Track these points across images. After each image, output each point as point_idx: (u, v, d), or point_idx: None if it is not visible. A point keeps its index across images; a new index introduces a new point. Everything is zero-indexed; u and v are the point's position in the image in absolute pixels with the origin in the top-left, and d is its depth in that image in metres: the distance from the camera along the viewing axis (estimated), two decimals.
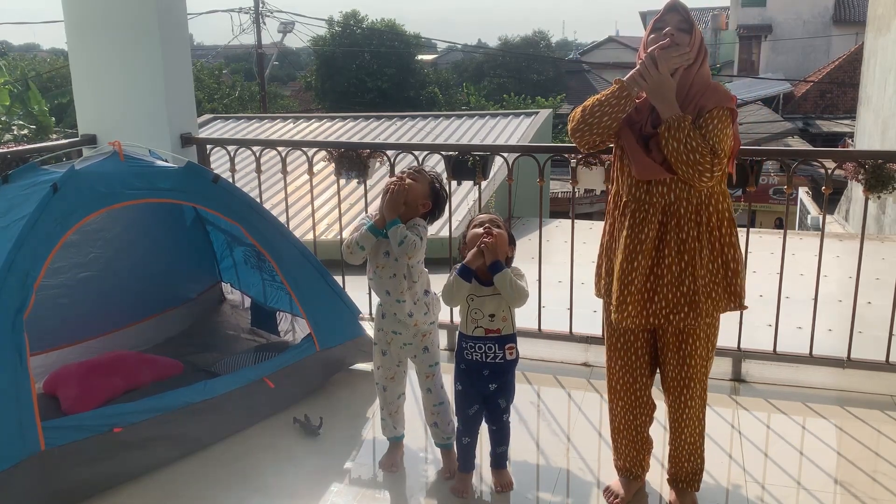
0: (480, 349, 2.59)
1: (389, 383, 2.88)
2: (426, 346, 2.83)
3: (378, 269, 2.72)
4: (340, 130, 12.32)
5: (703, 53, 2.34)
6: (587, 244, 4.13)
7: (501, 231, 2.57)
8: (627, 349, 2.53)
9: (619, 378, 2.58)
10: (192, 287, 4.18)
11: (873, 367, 3.54)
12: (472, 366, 2.62)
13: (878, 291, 4.33)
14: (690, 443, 2.56)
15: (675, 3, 2.32)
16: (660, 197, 2.32)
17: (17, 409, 2.54)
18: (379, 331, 2.85)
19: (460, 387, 2.67)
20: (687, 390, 2.48)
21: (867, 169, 3.35)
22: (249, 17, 23.87)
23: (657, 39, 2.30)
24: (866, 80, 12.25)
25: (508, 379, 2.66)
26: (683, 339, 2.43)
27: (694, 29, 2.30)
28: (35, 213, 2.75)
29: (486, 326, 2.57)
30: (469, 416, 2.68)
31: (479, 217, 2.64)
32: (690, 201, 2.31)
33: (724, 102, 2.28)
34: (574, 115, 2.41)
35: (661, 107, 2.27)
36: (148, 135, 4.07)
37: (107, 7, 4.10)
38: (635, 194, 2.36)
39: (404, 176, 2.65)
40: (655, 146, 2.29)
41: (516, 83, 34.42)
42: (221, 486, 2.82)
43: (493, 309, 2.56)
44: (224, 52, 38.10)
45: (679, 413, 2.52)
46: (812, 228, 11.69)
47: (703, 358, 2.47)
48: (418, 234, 2.62)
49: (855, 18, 28.54)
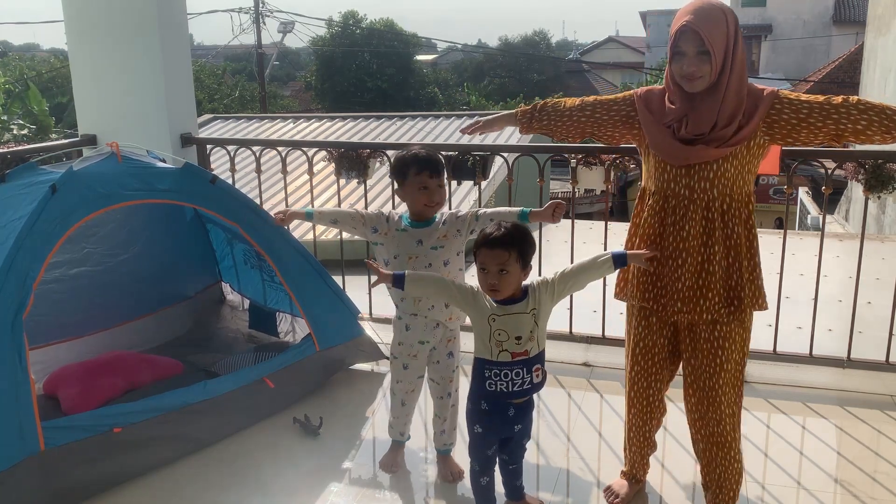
0: (507, 376, 2.29)
1: (409, 396, 2.86)
2: (451, 351, 2.80)
3: (410, 261, 2.63)
4: (340, 130, 12.32)
5: (730, 64, 2.17)
6: (587, 244, 4.12)
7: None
8: (645, 354, 2.49)
9: (635, 383, 2.53)
10: (191, 286, 4.18)
11: (873, 367, 3.54)
12: (495, 406, 2.34)
13: (878, 291, 4.33)
14: (736, 459, 2.45)
15: (686, 26, 2.15)
16: (701, 193, 2.26)
17: (17, 409, 2.53)
18: (399, 345, 2.78)
19: (480, 429, 2.39)
20: (725, 397, 2.38)
21: (867, 169, 3.35)
22: (249, 17, 23.90)
23: (679, 70, 2.19)
24: (866, 80, 12.25)
25: (532, 416, 2.44)
26: (719, 345, 2.35)
27: (713, 53, 2.14)
28: (34, 213, 2.75)
29: (513, 350, 2.28)
30: (488, 457, 2.45)
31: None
32: (733, 196, 2.26)
33: (769, 96, 2.21)
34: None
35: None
36: (148, 135, 4.08)
37: (107, 7, 4.10)
38: (675, 190, 2.29)
39: None
40: (708, 141, 2.22)
41: (516, 83, 34.44)
42: (221, 486, 2.82)
43: (519, 329, 2.28)
44: (224, 52, 38.11)
45: (717, 424, 2.40)
46: (812, 228, 11.69)
47: (738, 363, 2.39)
48: None
49: (855, 18, 28.54)
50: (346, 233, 2.88)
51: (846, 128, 2.16)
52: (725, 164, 2.24)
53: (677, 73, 2.22)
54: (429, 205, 2.65)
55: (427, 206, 2.65)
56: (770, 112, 2.21)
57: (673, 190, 2.30)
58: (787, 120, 2.21)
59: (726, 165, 2.24)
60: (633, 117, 2.40)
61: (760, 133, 2.24)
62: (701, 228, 2.28)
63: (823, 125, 2.18)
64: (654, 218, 2.36)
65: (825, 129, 2.18)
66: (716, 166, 2.24)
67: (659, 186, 2.34)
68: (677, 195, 2.30)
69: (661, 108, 2.32)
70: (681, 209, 2.29)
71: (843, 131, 2.17)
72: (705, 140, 2.22)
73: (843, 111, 2.16)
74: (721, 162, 2.23)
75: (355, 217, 2.75)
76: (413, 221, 2.69)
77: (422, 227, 2.67)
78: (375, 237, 2.73)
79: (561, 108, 2.53)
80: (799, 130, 2.21)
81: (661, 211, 2.34)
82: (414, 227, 2.68)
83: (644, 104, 2.36)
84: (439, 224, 2.67)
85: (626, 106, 2.41)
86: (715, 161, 2.23)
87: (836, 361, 3.58)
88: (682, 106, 2.25)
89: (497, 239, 2.24)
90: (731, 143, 2.21)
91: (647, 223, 2.37)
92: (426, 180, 2.62)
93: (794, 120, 2.20)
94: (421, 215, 2.68)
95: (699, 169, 2.25)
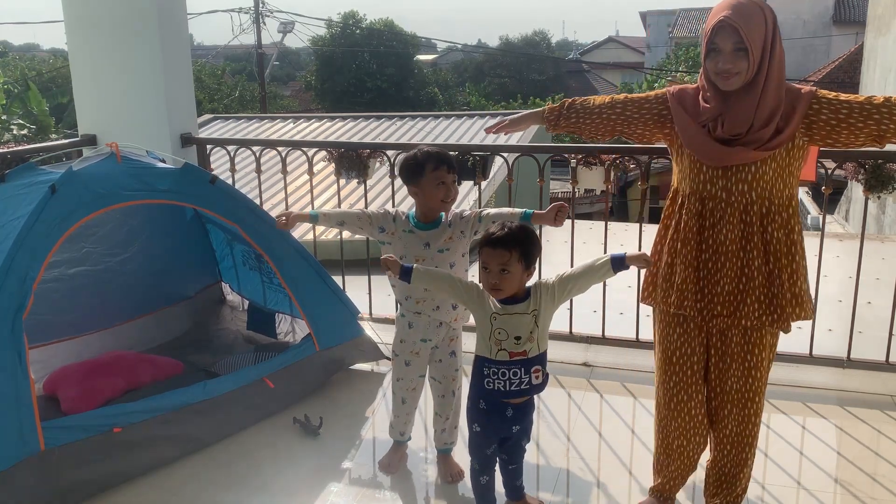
0: (504, 375, 2.29)
1: (410, 394, 2.85)
2: (453, 351, 2.80)
3: (416, 263, 2.62)
4: (340, 130, 12.32)
5: (768, 62, 2.12)
6: (587, 244, 4.13)
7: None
8: (684, 363, 2.38)
9: (674, 396, 2.42)
10: (191, 285, 4.18)
11: (873, 367, 3.54)
12: (493, 405, 2.35)
13: (878, 291, 4.33)
14: (750, 464, 2.44)
15: (724, 21, 2.09)
16: (739, 195, 2.18)
17: (17, 409, 2.54)
18: (402, 342, 2.78)
19: (479, 428, 2.41)
20: (752, 404, 2.34)
21: (867, 169, 3.35)
22: (249, 17, 23.88)
23: (714, 67, 2.14)
24: (866, 80, 12.24)
25: (531, 417, 2.44)
26: (749, 350, 2.31)
27: (750, 49, 2.09)
28: (33, 213, 2.75)
29: (512, 350, 2.29)
30: (487, 456, 2.46)
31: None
32: (772, 200, 2.19)
33: (807, 95, 2.14)
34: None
35: None
36: (148, 135, 4.08)
37: (107, 7, 4.10)
38: (712, 192, 2.22)
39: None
40: (747, 142, 2.15)
41: (516, 83, 34.45)
42: (221, 486, 2.82)
43: (519, 329, 2.29)
44: (224, 52, 38.11)
45: (743, 428, 2.37)
46: (812, 228, 11.68)
47: (766, 370, 2.36)
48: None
49: (855, 18, 28.51)
50: (352, 233, 2.87)
51: (888, 128, 2.08)
52: (764, 167, 2.16)
53: (712, 71, 2.15)
54: (445, 200, 2.65)
55: (444, 201, 2.65)
56: (808, 112, 2.14)
57: (709, 192, 2.23)
58: (826, 120, 2.13)
59: (765, 168, 2.16)
60: (665, 116, 2.33)
61: (800, 134, 2.16)
62: (739, 232, 2.20)
63: (865, 125, 2.10)
64: (693, 220, 2.27)
65: (866, 130, 2.10)
66: (754, 168, 2.16)
67: (694, 188, 2.26)
68: (714, 197, 2.22)
69: (696, 108, 2.24)
70: (718, 211, 2.22)
71: (885, 132, 2.09)
72: (743, 141, 2.15)
73: (884, 111, 2.08)
74: (760, 164, 2.16)
75: (362, 217, 2.74)
76: (419, 223, 2.68)
77: (429, 228, 2.67)
78: (382, 237, 2.73)
79: (590, 106, 2.46)
80: (839, 131, 2.13)
81: (698, 213, 2.26)
82: (421, 228, 2.67)
83: (678, 102, 2.29)
84: (446, 226, 2.67)
85: (659, 104, 2.34)
86: (753, 163, 2.16)
87: (836, 361, 3.58)
88: (717, 105, 2.19)
89: (499, 239, 2.25)
90: (770, 145, 2.13)
91: (687, 226, 2.28)
92: (444, 175, 2.62)
93: (833, 120, 2.12)
94: (429, 215, 2.68)
95: (737, 171, 2.18)
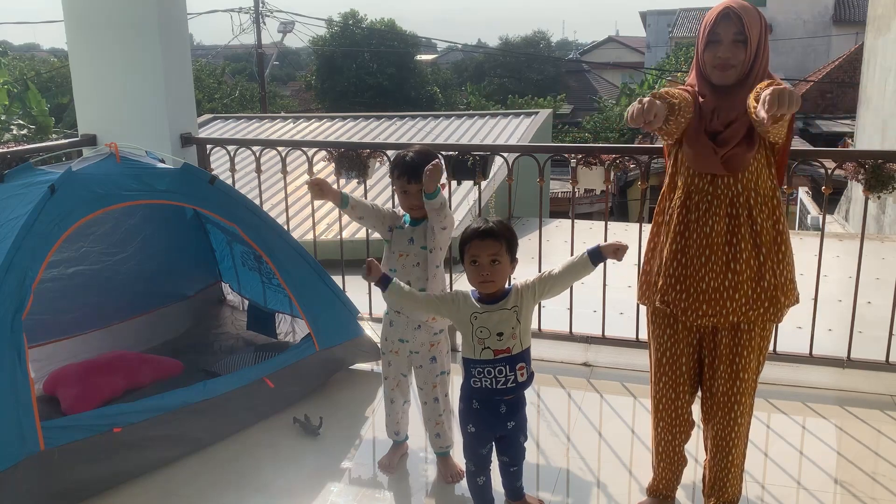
0: (490, 374, 2.30)
1: (394, 393, 2.87)
2: (434, 356, 2.80)
3: (402, 258, 2.68)
4: (340, 130, 12.31)
5: (761, 57, 2.17)
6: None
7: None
8: (672, 364, 2.41)
9: (663, 395, 2.45)
10: (190, 285, 4.18)
11: (873, 367, 3.54)
12: (486, 403, 2.36)
13: (878, 291, 4.33)
14: (738, 465, 2.44)
15: (729, 10, 2.15)
16: (725, 188, 2.20)
17: (17, 409, 2.53)
18: (385, 340, 2.83)
19: (473, 429, 2.40)
20: (738, 406, 2.35)
21: (867, 169, 3.35)
22: (249, 17, 23.85)
23: (712, 58, 2.17)
24: (866, 80, 12.23)
25: (524, 413, 2.44)
26: (737, 352, 2.31)
27: (749, 40, 2.14)
28: (33, 213, 2.76)
29: (495, 347, 2.29)
30: (483, 456, 2.45)
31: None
32: (758, 191, 2.20)
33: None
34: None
35: None
36: (148, 135, 4.07)
37: (107, 7, 4.09)
38: (698, 185, 2.23)
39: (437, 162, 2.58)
40: (722, 142, 2.18)
41: (516, 83, 34.43)
42: (221, 486, 2.82)
43: (500, 326, 2.29)
44: (224, 52, 38.10)
45: (729, 431, 2.38)
46: (812, 228, 11.68)
47: (755, 371, 2.36)
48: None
49: (855, 18, 28.52)
50: (363, 227, 2.90)
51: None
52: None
53: (710, 62, 2.19)
54: (407, 209, 2.71)
55: (407, 210, 2.71)
56: None
57: (696, 185, 2.24)
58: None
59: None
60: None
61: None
62: (725, 225, 2.21)
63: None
64: (678, 215, 2.28)
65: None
66: None
67: (683, 181, 2.28)
68: (700, 190, 2.24)
69: (697, 107, 2.25)
70: (704, 204, 2.23)
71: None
72: (725, 137, 2.17)
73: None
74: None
75: (377, 216, 2.77)
76: (410, 219, 2.74)
77: (416, 224, 2.71)
78: (389, 235, 2.78)
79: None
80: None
81: (682, 207, 2.27)
82: (410, 224, 2.73)
83: (696, 101, 2.27)
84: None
85: (693, 99, 2.28)
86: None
87: (836, 361, 3.58)
88: (712, 99, 2.21)
89: (487, 230, 2.28)
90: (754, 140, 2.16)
91: (674, 220, 2.29)
92: (405, 185, 2.65)
93: None
94: (413, 214, 2.73)
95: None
